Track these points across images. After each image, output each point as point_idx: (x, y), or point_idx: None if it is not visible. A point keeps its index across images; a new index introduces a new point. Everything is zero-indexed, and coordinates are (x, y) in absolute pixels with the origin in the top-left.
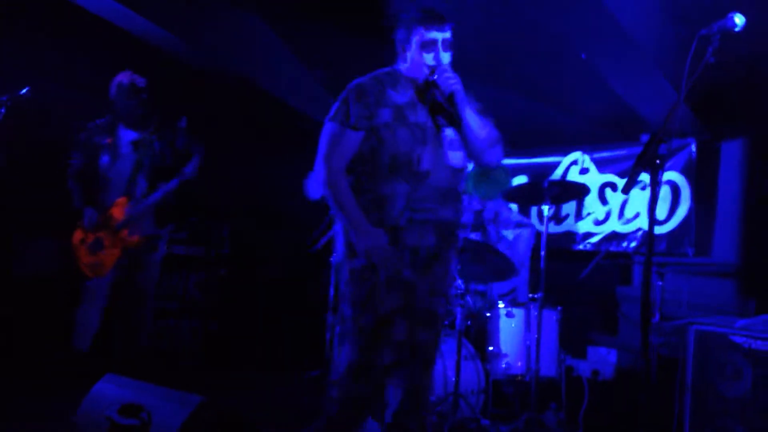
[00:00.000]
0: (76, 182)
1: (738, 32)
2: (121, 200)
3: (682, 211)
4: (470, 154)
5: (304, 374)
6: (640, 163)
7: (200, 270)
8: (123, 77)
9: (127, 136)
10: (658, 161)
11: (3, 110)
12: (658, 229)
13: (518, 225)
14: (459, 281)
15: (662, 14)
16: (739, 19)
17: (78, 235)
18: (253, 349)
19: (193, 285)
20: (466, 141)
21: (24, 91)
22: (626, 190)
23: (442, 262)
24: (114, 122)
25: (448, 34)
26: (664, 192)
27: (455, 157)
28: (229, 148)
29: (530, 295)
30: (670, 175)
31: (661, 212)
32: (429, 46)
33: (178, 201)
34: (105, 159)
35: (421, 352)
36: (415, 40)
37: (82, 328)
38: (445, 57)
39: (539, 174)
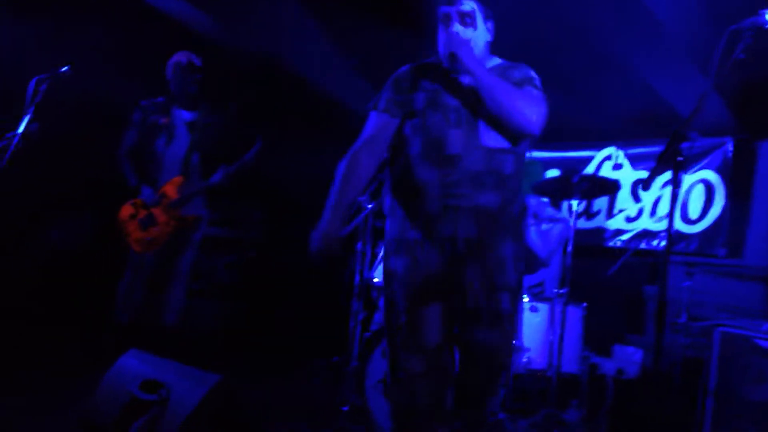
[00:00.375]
0: (129, 160)
1: None
2: (177, 179)
3: (715, 210)
4: (498, 125)
5: (326, 360)
6: (661, 161)
7: (231, 252)
8: (181, 56)
9: (182, 116)
10: (680, 158)
11: (44, 87)
12: (690, 229)
13: (551, 219)
14: None
15: (699, 9)
16: None
17: (127, 210)
18: (277, 333)
19: (223, 266)
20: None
21: (65, 68)
22: (646, 187)
23: (493, 252)
24: (169, 102)
25: (463, 6)
26: (698, 191)
27: (491, 137)
28: (268, 134)
29: (556, 291)
30: (704, 173)
31: (694, 211)
32: (444, 21)
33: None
34: (161, 139)
35: (480, 354)
36: (438, 19)
37: (124, 301)
38: (462, 30)
39: (572, 168)
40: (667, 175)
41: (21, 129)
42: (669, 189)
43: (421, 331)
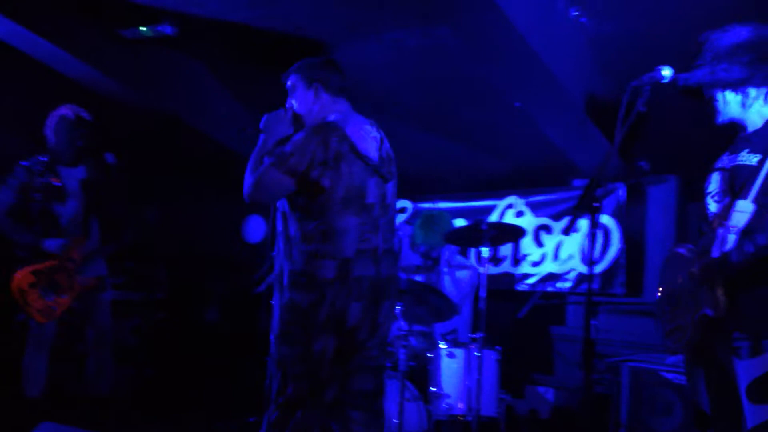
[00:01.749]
0: (15, 222)
1: (665, 83)
2: (78, 239)
3: (612, 252)
4: None
5: (244, 419)
6: (579, 208)
7: (136, 315)
8: (66, 111)
9: (72, 174)
10: (596, 204)
11: None
12: (592, 269)
13: (461, 266)
14: (402, 322)
15: (592, 66)
16: (666, 72)
17: (27, 279)
18: (189, 395)
19: (129, 331)
20: None
21: None
22: (567, 232)
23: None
24: (54, 161)
25: (287, 83)
26: (598, 235)
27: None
28: (166, 190)
29: (471, 336)
30: (601, 218)
31: (595, 253)
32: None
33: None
34: (56, 200)
35: (359, 398)
36: None
37: (33, 375)
38: (292, 102)
39: (477, 217)
40: (564, 222)
41: None
42: (570, 234)
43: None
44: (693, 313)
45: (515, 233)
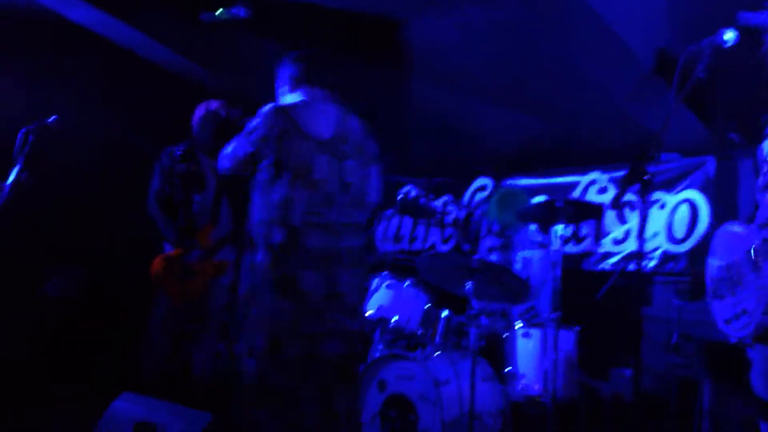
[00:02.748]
0: (161, 210)
1: (730, 48)
2: (207, 227)
3: (700, 229)
4: None
5: None
6: (626, 181)
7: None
8: (219, 108)
9: (209, 162)
10: (646, 178)
11: (31, 138)
12: (677, 248)
13: (535, 246)
14: (474, 302)
15: (672, 37)
16: (728, 35)
17: (160, 264)
18: None
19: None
20: None
21: (52, 119)
22: (614, 206)
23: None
24: (193, 148)
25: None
26: (683, 210)
27: None
28: None
29: (548, 315)
30: (688, 193)
31: (679, 231)
32: None
33: None
34: (192, 186)
35: (328, 367)
36: None
37: (154, 355)
38: None
39: (558, 194)
40: (653, 197)
41: (11, 179)
42: (655, 210)
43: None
44: (759, 294)
45: (593, 211)
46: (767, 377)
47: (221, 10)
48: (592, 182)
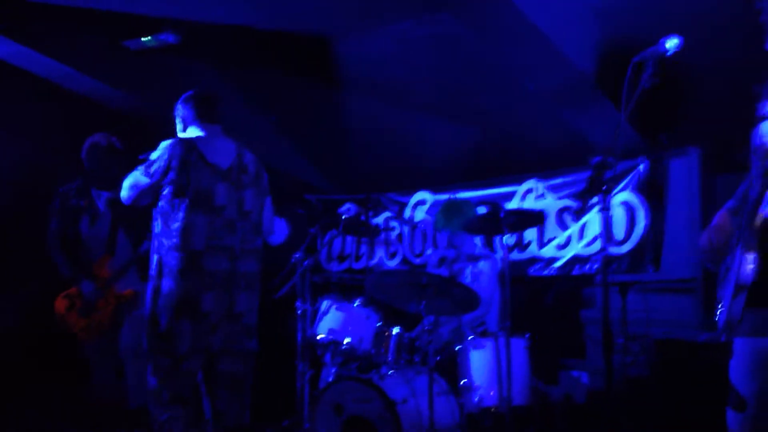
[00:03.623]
0: (60, 249)
1: (671, 55)
2: (104, 258)
3: (638, 230)
4: None
5: (276, 425)
6: (589, 191)
7: None
8: (100, 138)
9: (102, 195)
10: (605, 187)
11: None
12: (618, 249)
13: (480, 257)
14: (429, 316)
15: (601, 41)
16: (670, 44)
17: (63, 303)
18: None
19: None
20: None
21: None
22: (579, 217)
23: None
24: (86, 184)
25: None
26: (620, 213)
27: None
28: None
29: (498, 325)
30: (624, 195)
31: (619, 232)
32: None
33: None
34: (84, 220)
35: (227, 379)
36: None
37: (109, 389)
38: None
39: (497, 204)
40: (592, 201)
41: None
42: (594, 214)
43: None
44: (728, 278)
45: (535, 218)
46: (746, 370)
47: (149, 37)
48: (530, 190)
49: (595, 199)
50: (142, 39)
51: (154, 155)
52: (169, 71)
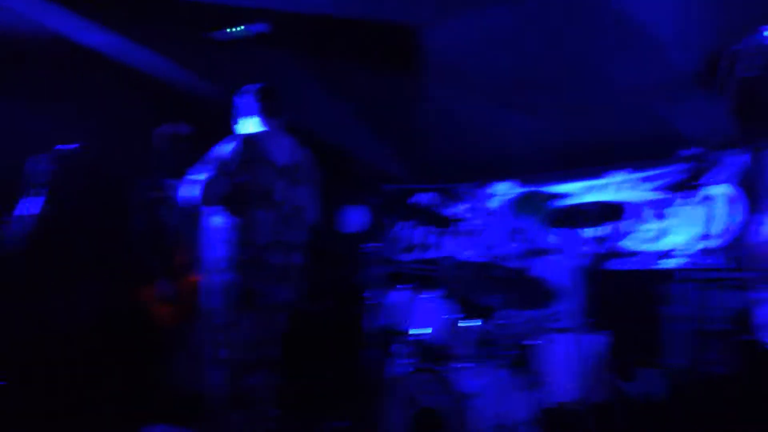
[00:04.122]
0: (144, 245)
1: None
2: (183, 247)
3: (734, 224)
4: None
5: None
6: (681, 184)
7: None
8: (166, 128)
9: (175, 184)
10: (700, 180)
11: (54, 166)
12: (710, 244)
13: (555, 251)
14: (503, 310)
15: (700, 31)
16: None
17: (147, 293)
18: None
19: None
20: None
21: (74, 146)
22: (667, 210)
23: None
24: (159, 175)
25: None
26: (715, 206)
27: None
28: None
29: (578, 319)
30: (720, 188)
31: (712, 226)
32: None
33: None
34: (161, 211)
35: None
36: None
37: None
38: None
39: (577, 196)
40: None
41: (32, 209)
42: (683, 207)
43: None
44: None
45: (617, 211)
46: None
47: (241, 27)
48: (621, 182)
49: (686, 192)
50: (232, 29)
51: (217, 151)
52: (252, 61)
